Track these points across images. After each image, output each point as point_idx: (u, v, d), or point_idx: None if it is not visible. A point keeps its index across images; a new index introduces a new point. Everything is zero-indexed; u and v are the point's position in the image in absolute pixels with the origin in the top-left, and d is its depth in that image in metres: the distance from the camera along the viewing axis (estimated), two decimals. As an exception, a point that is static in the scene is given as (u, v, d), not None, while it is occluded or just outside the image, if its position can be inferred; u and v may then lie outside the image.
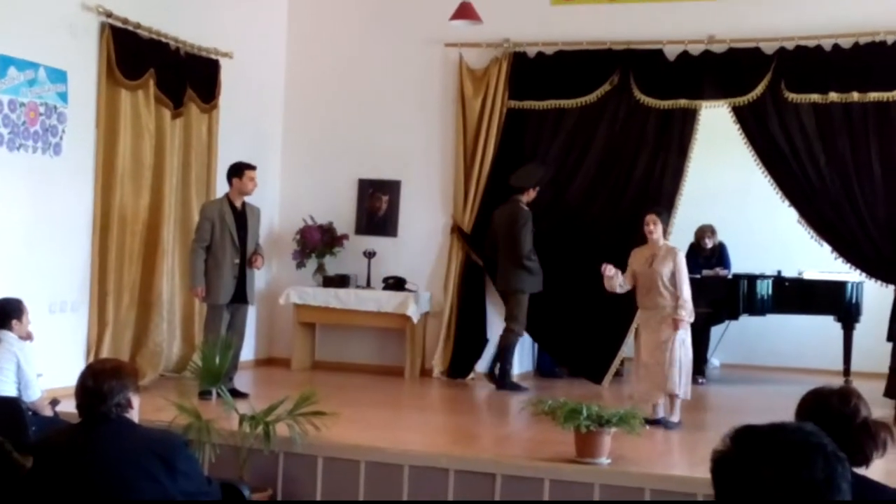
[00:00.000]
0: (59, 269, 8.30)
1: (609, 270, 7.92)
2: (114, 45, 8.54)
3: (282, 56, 11.06)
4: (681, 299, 7.69)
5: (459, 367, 10.17)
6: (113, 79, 8.58)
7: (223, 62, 9.85)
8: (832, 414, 3.14)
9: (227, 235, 8.51)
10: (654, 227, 7.85)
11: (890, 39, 9.10)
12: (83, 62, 8.40)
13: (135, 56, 8.76)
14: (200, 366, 7.60)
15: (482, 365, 10.11)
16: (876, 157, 9.17)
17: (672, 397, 7.72)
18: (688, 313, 7.72)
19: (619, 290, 8.00)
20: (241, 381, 8.81)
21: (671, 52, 9.77)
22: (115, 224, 8.64)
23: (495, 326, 10.27)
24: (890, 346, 8.80)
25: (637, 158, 9.90)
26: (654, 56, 9.81)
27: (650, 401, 7.77)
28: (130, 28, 8.74)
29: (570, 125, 10.09)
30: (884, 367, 8.85)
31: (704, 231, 10.94)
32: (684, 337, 7.77)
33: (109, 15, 8.53)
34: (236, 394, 7.81)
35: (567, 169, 10.10)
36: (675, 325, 7.68)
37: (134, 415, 3.90)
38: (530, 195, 9.66)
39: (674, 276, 7.73)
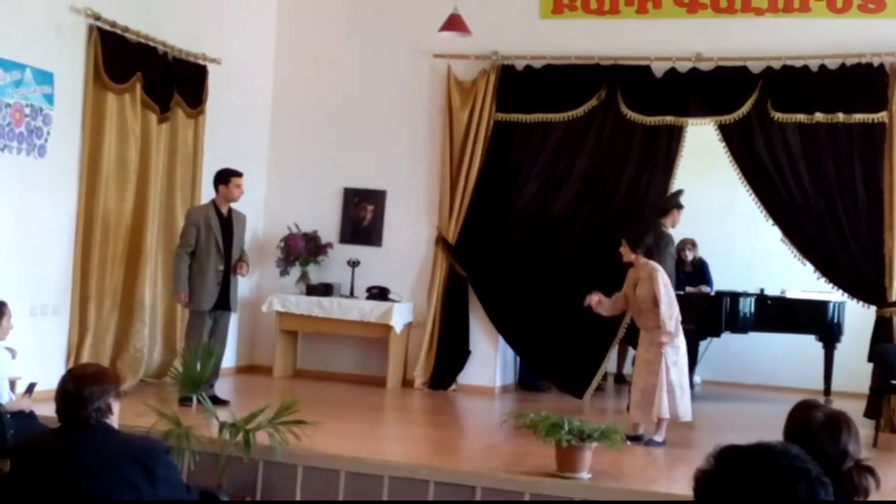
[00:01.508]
0: (41, 271, 8.25)
1: (593, 300, 7.90)
2: (101, 48, 8.51)
3: (270, 63, 11.04)
4: (660, 321, 7.56)
5: (441, 378, 10.16)
6: (100, 82, 8.55)
7: (211, 68, 9.83)
8: (818, 453, 2.99)
9: (213, 241, 8.47)
10: (623, 251, 7.80)
11: (876, 62, 9.14)
12: (70, 64, 8.37)
13: (122, 59, 8.72)
14: (181, 372, 7.56)
15: (475, 377, 10.18)
16: (860, 178, 9.20)
17: (659, 419, 7.63)
18: (667, 335, 7.55)
19: (607, 314, 8.05)
20: (222, 388, 8.76)
21: (658, 68, 9.79)
22: (98, 228, 8.60)
23: (478, 338, 10.27)
24: (871, 366, 8.84)
25: (622, 173, 9.91)
26: (641, 72, 9.83)
27: (633, 420, 7.76)
28: (118, 31, 8.71)
29: (556, 139, 10.10)
30: (864, 387, 8.87)
31: (685, 244, 10.94)
32: (675, 359, 7.63)
33: (98, 17, 8.49)
34: (217, 401, 7.77)
35: (553, 182, 10.11)
36: (659, 347, 7.61)
37: (114, 420, 3.88)
38: (674, 218, 9.42)
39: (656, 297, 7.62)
